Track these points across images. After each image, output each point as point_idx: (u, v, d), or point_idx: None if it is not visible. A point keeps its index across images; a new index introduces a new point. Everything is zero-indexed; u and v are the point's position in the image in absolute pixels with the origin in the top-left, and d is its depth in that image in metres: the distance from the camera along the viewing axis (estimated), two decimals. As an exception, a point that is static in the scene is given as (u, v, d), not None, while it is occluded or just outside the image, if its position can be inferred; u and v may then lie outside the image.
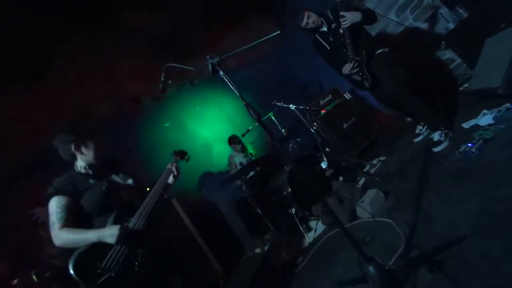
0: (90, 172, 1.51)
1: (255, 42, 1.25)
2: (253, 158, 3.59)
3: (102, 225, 1.36)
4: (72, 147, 1.48)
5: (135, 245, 1.35)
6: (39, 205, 3.21)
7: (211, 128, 4.21)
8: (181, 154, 1.89)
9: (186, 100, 4.24)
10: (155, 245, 1.45)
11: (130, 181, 1.63)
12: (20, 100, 3.44)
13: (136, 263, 1.32)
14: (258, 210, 2.81)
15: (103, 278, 1.21)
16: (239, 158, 3.56)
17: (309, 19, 2.36)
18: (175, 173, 1.70)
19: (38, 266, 2.93)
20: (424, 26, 3.08)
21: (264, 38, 1.23)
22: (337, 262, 1.75)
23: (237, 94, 1.30)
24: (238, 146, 3.60)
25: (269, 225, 2.78)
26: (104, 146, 1.58)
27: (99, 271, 1.23)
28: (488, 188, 1.31)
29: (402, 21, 3.25)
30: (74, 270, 1.21)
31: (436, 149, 2.07)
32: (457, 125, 2.16)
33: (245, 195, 3.19)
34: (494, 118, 1.85)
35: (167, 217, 2.77)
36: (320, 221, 2.50)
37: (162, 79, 1.63)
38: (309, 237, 2.39)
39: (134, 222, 1.40)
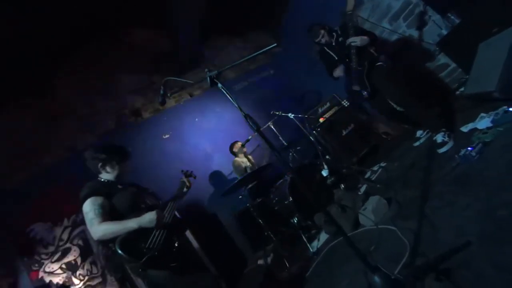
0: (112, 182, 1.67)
1: (252, 55, 1.27)
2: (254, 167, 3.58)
3: None
4: (99, 165, 1.64)
5: (171, 232, 1.53)
6: (38, 221, 3.18)
7: (210, 139, 4.20)
8: (188, 173, 2.15)
9: (186, 111, 4.26)
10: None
11: (150, 191, 1.82)
12: (25, 115, 3.48)
13: (176, 244, 1.51)
14: (260, 220, 2.77)
15: (147, 257, 1.36)
16: (244, 163, 3.53)
17: (323, 37, 2.75)
18: (188, 184, 1.94)
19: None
20: (417, 33, 3.14)
21: (261, 51, 1.25)
22: (342, 272, 1.71)
23: (236, 105, 1.31)
24: (241, 146, 3.60)
25: (271, 235, 2.73)
26: (127, 171, 1.74)
27: (144, 250, 1.38)
28: (491, 193, 1.29)
29: (395, 29, 3.31)
30: (121, 250, 1.34)
31: (442, 150, 2.07)
32: (456, 129, 2.16)
33: (246, 205, 3.16)
34: (492, 121, 1.85)
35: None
36: (323, 230, 2.46)
37: (162, 92, 1.67)
38: (312, 247, 2.35)
39: (165, 215, 1.58)
